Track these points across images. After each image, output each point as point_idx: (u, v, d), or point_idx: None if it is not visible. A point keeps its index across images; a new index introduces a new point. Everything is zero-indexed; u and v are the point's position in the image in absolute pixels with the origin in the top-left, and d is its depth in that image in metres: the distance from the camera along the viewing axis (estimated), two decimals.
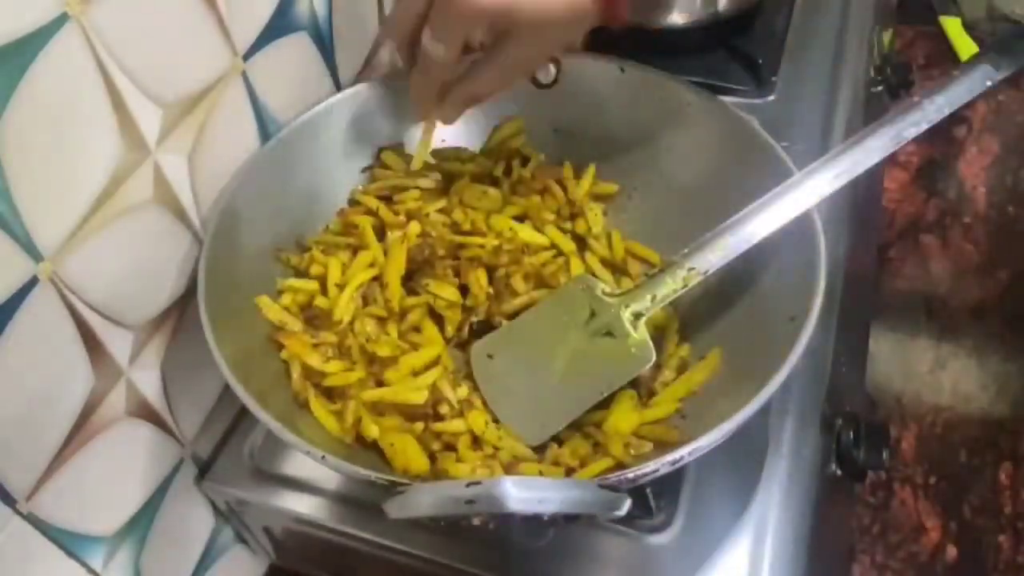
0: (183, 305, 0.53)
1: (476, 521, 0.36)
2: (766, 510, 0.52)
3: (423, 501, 0.37)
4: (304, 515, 0.54)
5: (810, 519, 0.53)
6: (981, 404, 0.83)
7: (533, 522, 0.36)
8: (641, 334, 0.49)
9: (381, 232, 0.59)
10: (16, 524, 0.43)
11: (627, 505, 0.38)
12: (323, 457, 0.41)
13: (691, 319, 0.56)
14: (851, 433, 0.57)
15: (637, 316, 0.50)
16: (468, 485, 0.35)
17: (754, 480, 0.53)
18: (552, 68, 0.62)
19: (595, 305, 0.51)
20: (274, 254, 0.57)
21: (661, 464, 0.40)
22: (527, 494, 0.34)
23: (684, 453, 0.40)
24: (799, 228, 0.50)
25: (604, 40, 0.66)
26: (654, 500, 0.52)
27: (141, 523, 0.53)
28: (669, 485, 0.52)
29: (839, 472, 0.58)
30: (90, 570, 0.49)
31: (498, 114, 0.64)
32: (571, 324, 0.51)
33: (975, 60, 0.50)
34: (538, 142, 0.65)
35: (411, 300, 0.55)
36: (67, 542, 0.47)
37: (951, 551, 0.83)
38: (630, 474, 0.39)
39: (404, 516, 0.37)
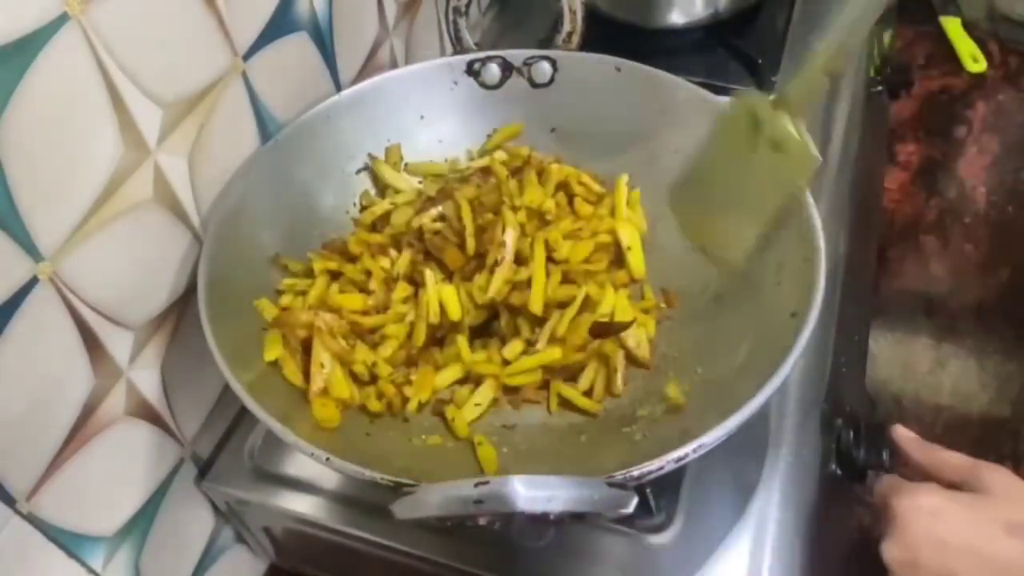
0: (183, 305, 0.53)
1: (483, 521, 0.36)
2: (766, 510, 0.52)
3: (431, 502, 0.36)
4: (304, 515, 0.54)
5: (810, 519, 0.53)
6: (981, 404, 0.82)
7: (539, 521, 0.36)
8: (802, 136, 0.49)
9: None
10: (16, 524, 0.43)
11: (634, 503, 0.38)
12: (327, 459, 0.41)
13: (692, 316, 0.56)
14: (851, 433, 0.57)
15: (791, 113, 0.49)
16: (476, 485, 0.35)
17: (754, 480, 0.53)
18: (549, 67, 0.62)
19: (755, 118, 0.50)
20: (272, 260, 0.56)
21: (666, 461, 0.40)
22: (536, 493, 0.34)
23: (689, 450, 0.40)
24: (799, 226, 0.50)
25: (602, 39, 0.66)
26: (654, 500, 0.52)
27: (141, 523, 0.53)
28: (669, 485, 0.52)
29: (839, 472, 0.57)
30: (90, 570, 0.49)
31: (496, 115, 0.65)
32: (742, 144, 0.51)
33: None
34: (536, 142, 0.65)
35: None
36: (67, 542, 0.47)
37: None
38: (635, 471, 0.39)
39: (411, 517, 0.37)
